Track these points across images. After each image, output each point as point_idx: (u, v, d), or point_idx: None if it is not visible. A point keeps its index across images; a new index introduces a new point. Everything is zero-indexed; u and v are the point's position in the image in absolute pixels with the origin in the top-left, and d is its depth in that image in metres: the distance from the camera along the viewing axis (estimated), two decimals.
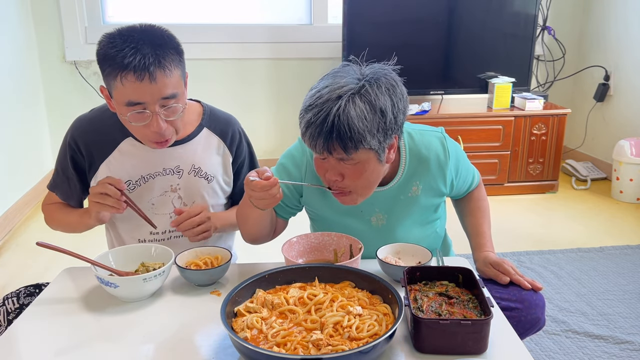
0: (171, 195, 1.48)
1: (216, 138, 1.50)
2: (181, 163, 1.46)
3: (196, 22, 3.69)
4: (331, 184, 1.26)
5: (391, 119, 1.17)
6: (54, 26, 3.52)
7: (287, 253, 1.29)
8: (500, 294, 1.40)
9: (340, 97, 1.14)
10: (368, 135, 1.15)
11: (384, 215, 1.41)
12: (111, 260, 1.25)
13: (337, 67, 1.26)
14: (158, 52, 1.25)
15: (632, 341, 1.99)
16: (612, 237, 2.94)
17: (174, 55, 1.29)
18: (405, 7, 3.49)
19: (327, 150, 1.16)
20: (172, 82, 1.28)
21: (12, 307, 1.28)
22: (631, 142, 3.39)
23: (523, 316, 1.35)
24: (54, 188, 1.53)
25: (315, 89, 1.20)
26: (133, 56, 1.22)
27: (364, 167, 1.21)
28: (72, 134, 1.46)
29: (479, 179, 1.57)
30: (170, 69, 1.27)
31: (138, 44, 1.23)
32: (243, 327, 1.00)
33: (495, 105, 3.50)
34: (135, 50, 1.22)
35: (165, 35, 1.30)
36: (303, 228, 1.46)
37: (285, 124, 3.95)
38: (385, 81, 1.19)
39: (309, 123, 1.16)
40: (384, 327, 0.99)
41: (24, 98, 3.34)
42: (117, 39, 1.25)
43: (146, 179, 1.45)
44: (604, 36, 3.83)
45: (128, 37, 1.25)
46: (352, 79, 1.18)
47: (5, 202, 2.98)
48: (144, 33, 1.27)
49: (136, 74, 1.22)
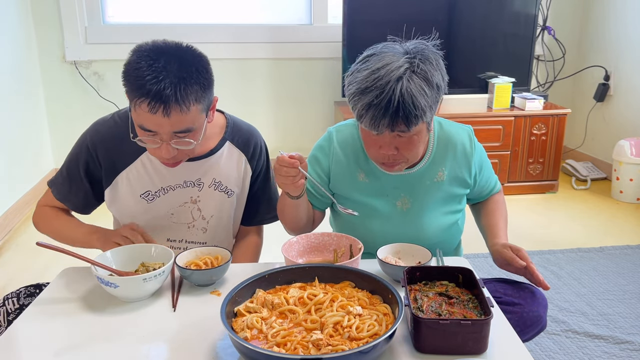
0: (191, 207, 1.46)
1: (238, 152, 1.48)
2: (202, 176, 1.44)
3: (196, 22, 3.69)
4: (385, 158, 1.32)
5: (443, 91, 1.28)
6: (54, 26, 3.52)
7: (287, 253, 1.29)
8: (504, 289, 1.42)
9: (401, 78, 1.20)
10: (427, 109, 1.23)
11: (409, 199, 1.45)
12: (111, 260, 1.25)
13: (373, 47, 1.30)
14: (181, 85, 1.18)
15: (632, 341, 1.99)
16: (612, 237, 2.94)
17: (198, 89, 1.22)
18: (406, 7, 3.49)
19: (390, 128, 1.23)
20: (188, 118, 1.22)
21: (12, 308, 1.28)
22: (631, 142, 3.39)
23: (525, 312, 1.37)
24: (53, 184, 1.48)
25: (365, 69, 1.25)
26: (152, 86, 1.16)
27: (418, 138, 1.29)
28: (92, 139, 1.40)
29: (500, 188, 1.63)
30: (189, 105, 1.20)
31: (162, 73, 1.17)
32: (243, 327, 1.00)
33: (495, 105, 3.50)
34: (156, 80, 1.16)
35: (196, 64, 1.23)
36: None
37: (285, 123, 3.95)
38: (432, 56, 1.26)
39: (370, 105, 1.21)
40: (384, 327, 0.99)
41: (24, 98, 3.34)
42: (144, 60, 1.18)
43: (166, 190, 1.43)
44: (604, 36, 3.83)
45: (156, 59, 1.18)
46: (399, 56, 1.24)
47: (5, 202, 2.99)
48: (173, 59, 1.20)
49: (149, 105, 1.17)
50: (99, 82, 3.65)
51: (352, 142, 1.46)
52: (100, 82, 3.65)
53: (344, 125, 1.50)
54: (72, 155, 1.44)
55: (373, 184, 1.44)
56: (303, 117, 3.95)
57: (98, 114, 1.55)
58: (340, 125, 1.51)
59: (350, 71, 1.29)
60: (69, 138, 3.63)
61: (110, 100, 3.63)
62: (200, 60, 1.25)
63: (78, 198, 1.46)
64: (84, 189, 1.44)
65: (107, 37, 3.59)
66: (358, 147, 1.45)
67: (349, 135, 1.47)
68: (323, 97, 3.93)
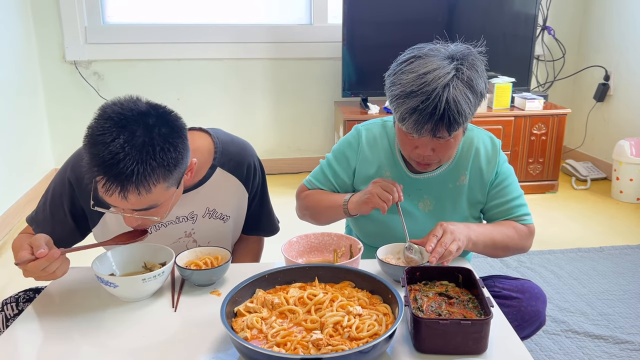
0: (185, 240, 1.41)
1: (231, 177, 1.39)
2: (195, 208, 1.37)
3: (196, 22, 3.68)
4: (420, 158, 1.33)
5: (484, 97, 1.30)
6: (54, 26, 3.52)
7: (287, 253, 1.29)
8: (502, 284, 1.43)
9: (448, 85, 1.20)
10: (469, 116, 1.26)
11: (432, 202, 1.46)
12: (111, 260, 1.25)
13: (417, 48, 1.29)
14: (141, 167, 1.04)
15: (632, 341, 1.99)
16: (612, 237, 2.93)
17: (162, 171, 1.08)
18: (405, 7, 3.49)
19: (432, 133, 1.24)
20: (149, 198, 1.10)
21: (11, 313, 1.27)
22: (631, 142, 3.39)
23: (523, 306, 1.38)
24: (33, 222, 1.35)
25: (410, 72, 1.23)
26: (110, 166, 1.03)
27: (455, 141, 1.31)
28: (75, 173, 1.28)
29: (530, 223, 1.44)
30: (149, 187, 1.08)
31: (123, 149, 1.03)
32: (243, 327, 1.00)
33: (495, 105, 3.50)
34: (115, 161, 1.03)
35: (164, 141, 1.08)
36: (303, 228, 1.46)
37: (285, 123, 3.95)
38: (477, 63, 1.28)
39: (415, 109, 1.21)
40: (384, 327, 0.99)
41: (23, 98, 3.34)
42: (107, 131, 1.04)
43: (158, 227, 1.35)
44: (604, 36, 3.83)
45: (120, 131, 1.04)
46: (446, 61, 1.23)
47: (5, 202, 2.98)
48: (139, 131, 1.05)
49: (105, 186, 1.06)
50: (98, 82, 3.65)
51: (380, 140, 1.48)
52: (100, 82, 3.65)
53: (372, 123, 1.52)
54: (54, 190, 1.33)
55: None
56: (303, 117, 3.95)
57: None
58: (369, 123, 1.52)
59: (393, 71, 1.28)
60: (68, 138, 3.66)
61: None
62: (171, 134, 1.10)
63: (63, 235, 1.33)
64: (68, 227, 1.34)
65: (107, 37, 3.59)
66: (386, 146, 1.47)
67: (378, 133, 1.49)
68: (323, 97, 3.92)
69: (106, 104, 1.10)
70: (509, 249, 1.40)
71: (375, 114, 3.41)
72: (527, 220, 1.43)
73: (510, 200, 1.44)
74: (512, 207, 1.43)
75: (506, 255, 1.44)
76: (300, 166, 3.97)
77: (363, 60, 3.52)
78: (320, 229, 1.50)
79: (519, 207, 1.44)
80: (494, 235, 1.37)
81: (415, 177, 1.45)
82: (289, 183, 3.69)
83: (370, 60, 3.51)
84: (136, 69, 3.64)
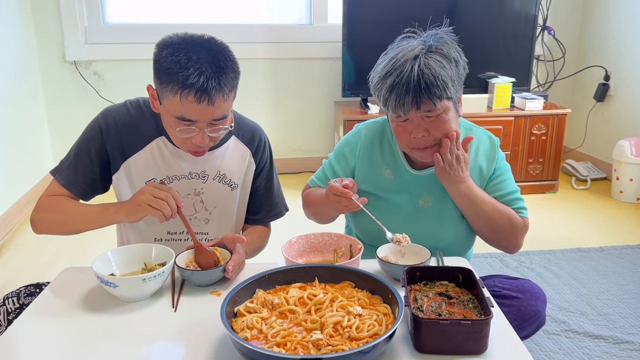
0: (194, 199, 1.47)
1: (243, 146, 1.50)
2: (207, 168, 1.46)
3: (196, 22, 3.69)
4: (417, 143, 1.33)
5: (462, 67, 1.32)
6: (54, 26, 3.52)
7: (287, 253, 1.29)
8: (502, 284, 1.43)
9: (417, 56, 1.27)
10: (449, 82, 1.27)
11: (431, 198, 1.46)
12: (111, 260, 1.25)
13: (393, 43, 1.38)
14: (220, 76, 1.24)
15: (632, 341, 1.99)
16: (612, 237, 2.93)
17: (233, 78, 1.28)
18: (405, 7, 3.49)
19: (416, 105, 1.26)
20: (226, 105, 1.28)
21: (12, 307, 1.28)
22: (631, 142, 3.39)
23: (523, 306, 1.38)
24: (57, 172, 1.43)
25: (385, 59, 1.32)
26: (196, 78, 1.21)
27: (447, 116, 1.31)
28: (107, 121, 1.41)
29: (525, 217, 1.45)
30: (228, 93, 1.26)
31: (202, 64, 1.22)
32: (243, 327, 1.00)
33: (495, 105, 3.50)
34: (199, 72, 1.21)
35: (227, 55, 1.28)
36: (303, 228, 1.46)
37: (285, 123, 3.95)
38: (446, 36, 1.33)
39: (393, 85, 1.26)
40: (384, 327, 0.99)
41: (23, 98, 3.34)
42: (181, 54, 1.22)
43: (171, 179, 1.44)
44: (604, 36, 3.83)
45: (192, 53, 1.23)
46: (418, 42, 1.31)
47: (5, 202, 2.98)
48: (207, 52, 1.24)
49: (197, 96, 1.22)
50: (98, 82, 3.65)
51: (380, 138, 1.50)
52: (100, 82, 3.65)
53: (373, 122, 1.54)
54: (82, 140, 1.43)
55: (397, 180, 1.47)
56: (303, 117, 3.95)
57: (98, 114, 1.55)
58: (370, 122, 1.55)
59: (373, 69, 1.36)
60: (68, 138, 3.63)
61: (110, 100, 3.63)
62: (227, 50, 1.30)
63: (84, 183, 1.42)
64: (91, 174, 1.42)
65: (107, 37, 3.59)
66: (386, 143, 1.49)
67: (378, 131, 1.51)
68: (323, 97, 3.92)
69: (163, 40, 1.26)
70: (496, 225, 1.40)
71: (375, 114, 3.41)
72: (523, 214, 1.45)
73: (507, 193, 1.45)
74: (509, 199, 1.45)
75: (490, 233, 1.42)
76: (301, 166, 3.96)
77: (363, 60, 3.52)
78: (320, 229, 1.50)
79: (516, 200, 1.45)
80: (490, 201, 1.39)
81: (416, 173, 1.45)
82: (289, 183, 3.69)
83: (370, 60, 3.43)
84: (136, 69, 3.64)
